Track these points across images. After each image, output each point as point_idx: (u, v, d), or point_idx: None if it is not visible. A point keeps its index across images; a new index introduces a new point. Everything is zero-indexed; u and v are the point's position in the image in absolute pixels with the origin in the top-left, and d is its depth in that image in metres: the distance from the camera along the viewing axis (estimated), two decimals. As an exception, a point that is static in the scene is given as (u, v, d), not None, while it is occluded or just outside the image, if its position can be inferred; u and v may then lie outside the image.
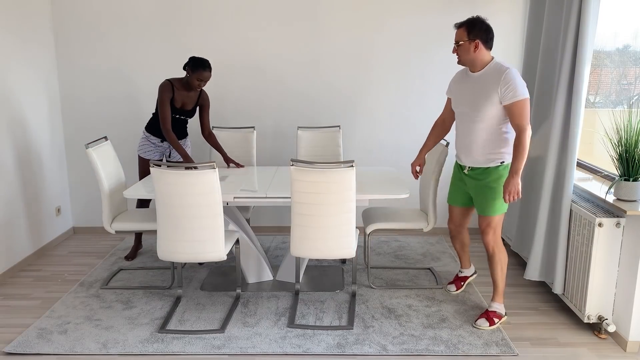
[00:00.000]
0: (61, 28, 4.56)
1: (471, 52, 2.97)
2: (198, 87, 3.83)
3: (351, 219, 3.11)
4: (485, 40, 2.96)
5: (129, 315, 3.31)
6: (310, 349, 2.92)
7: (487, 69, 2.98)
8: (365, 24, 4.52)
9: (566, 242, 3.24)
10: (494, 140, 2.99)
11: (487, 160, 3.03)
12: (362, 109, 4.66)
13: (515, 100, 2.84)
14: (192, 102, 3.96)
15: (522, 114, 2.85)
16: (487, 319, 3.14)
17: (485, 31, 2.96)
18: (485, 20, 2.99)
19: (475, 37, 2.95)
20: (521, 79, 2.88)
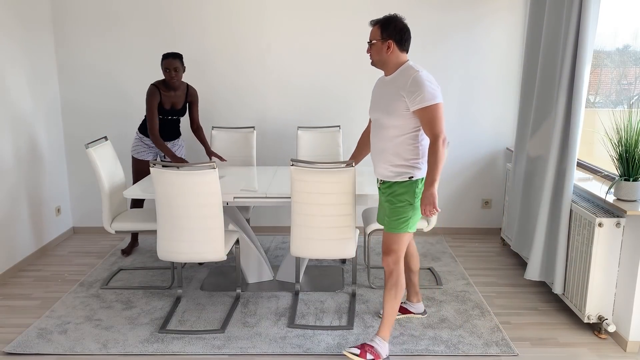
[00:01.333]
0: (61, 28, 4.56)
1: (383, 52, 2.73)
2: (170, 78, 3.83)
3: (351, 219, 3.11)
4: (399, 41, 2.72)
5: (129, 315, 3.31)
6: (310, 349, 2.92)
7: (397, 72, 2.74)
8: (365, 24, 4.51)
9: (566, 242, 3.24)
10: (403, 151, 2.70)
11: (395, 174, 2.74)
12: (362, 109, 4.66)
13: (424, 105, 2.58)
14: (181, 101, 4.01)
15: (433, 120, 2.58)
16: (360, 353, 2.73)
17: (400, 31, 2.72)
18: (402, 20, 2.76)
19: (389, 37, 2.71)
20: (433, 83, 2.63)
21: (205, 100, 4.64)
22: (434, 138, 2.58)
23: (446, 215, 4.84)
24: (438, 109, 2.59)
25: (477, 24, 4.49)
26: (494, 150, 4.70)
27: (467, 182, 4.77)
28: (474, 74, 4.57)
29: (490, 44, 4.52)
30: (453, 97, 4.61)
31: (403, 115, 2.65)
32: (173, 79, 3.85)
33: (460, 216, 4.84)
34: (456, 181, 4.77)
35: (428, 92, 2.58)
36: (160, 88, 3.90)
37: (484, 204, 4.81)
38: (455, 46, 4.53)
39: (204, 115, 4.67)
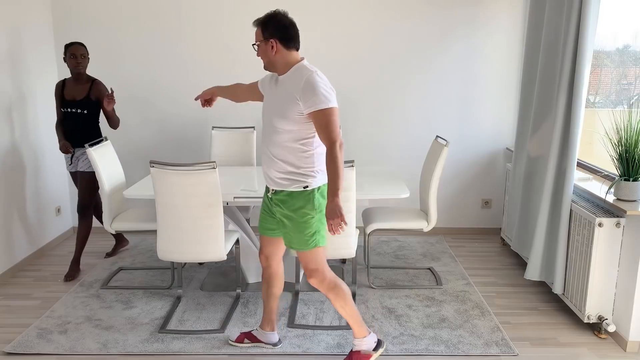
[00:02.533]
0: (61, 28, 4.56)
1: (269, 53, 2.52)
2: (76, 64, 3.72)
3: (351, 219, 3.11)
4: (283, 39, 2.50)
5: (129, 315, 3.31)
6: (310, 349, 2.92)
7: (290, 72, 2.52)
8: (365, 24, 4.52)
9: (566, 242, 3.24)
10: (297, 158, 2.50)
11: (289, 183, 2.52)
12: (362, 109, 4.66)
13: (318, 109, 2.39)
14: (83, 93, 3.79)
15: (327, 125, 2.40)
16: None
17: (282, 29, 2.51)
18: (284, 16, 2.54)
19: (271, 36, 2.50)
20: (327, 85, 2.45)
21: (205, 100, 4.64)
22: (331, 144, 2.39)
23: (446, 215, 4.84)
24: (333, 113, 2.41)
25: (478, 24, 4.49)
26: (494, 150, 4.71)
27: (467, 182, 4.77)
28: (474, 74, 4.57)
29: (491, 44, 4.52)
30: (453, 97, 4.61)
31: (297, 119, 2.45)
32: (79, 65, 3.73)
33: (460, 216, 4.84)
34: (456, 181, 4.77)
35: (322, 95, 2.40)
36: (67, 80, 3.84)
37: (484, 204, 4.82)
38: (455, 46, 4.53)
39: (204, 114, 4.67)
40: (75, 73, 3.79)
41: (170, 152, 4.74)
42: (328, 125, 2.40)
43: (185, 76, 4.60)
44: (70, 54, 3.72)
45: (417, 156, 4.70)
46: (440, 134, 4.67)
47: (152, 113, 4.68)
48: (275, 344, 2.93)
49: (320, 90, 2.40)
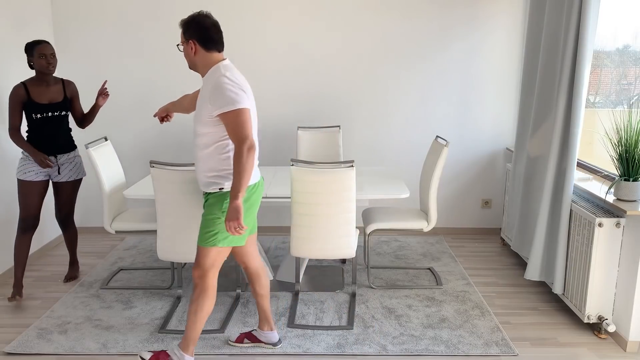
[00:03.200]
0: (61, 28, 4.56)
1: (190, 54, 2.53)
2: (48, 65, 3.39)
3: (351, 219, 3.11)
4: (202, 40, 2.50)
5: (129, 315, 3.31)
6: (310, 349, 2.92)
7: (208, 74, 2.52)
8: (365, 24, 4.52)
9: (566, 242, 3.24)
10: (214, 161, 2.51)
11: (208, 184, 2.55)
12: (362, 109, 4.66)
13: (225, 110, 2.38)
14: (60, 95, 3.54)
15: (235, 127, 2.39)
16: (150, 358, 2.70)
17: (202, 30, 2.49)
18: (206, 17, 2.53)
19: (191, 37, 2.51)
20: (237, 86, 2.42)
21: (205, 100, 4.64)
22: (238, 144, 2.38)
23: (446, 215, 4.85)
24: (240, 114, 2.38)
25: (478, 24, 4.49)
26: (494, 150, 4.71)
27: (467, 182, 4.77)
28: (474, 74, 4.57)
29: (491, 44, 4.52)
30: (453, 98, 4.61)
31: (209, 122, 2.45)
32: (50, 66, 3.39)
33: (460, 216, 4.84)
34: (456, 181, 4.77)
35: (228, 96, 2.38)
36: (29, 85, 3.41)
37: (484, 204, 4.82)
38: (455, 46, 4.53)
39: (204, 115, 4.67)
40: (45, 74, 3.44)
41: (170, 152, 4.74)
42: (236, 126, 2.39)
43: (185, 76, 4.60)
44: (39, 54, 3.36)
45: (417, 156, 4.70)
46: (440, 134, 4.67)
47: (152, 113, 4.68)
48: (275, 344, 2.93)
49: (227, 92, 2.39)
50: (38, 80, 3.45)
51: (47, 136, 3.51)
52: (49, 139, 3.52)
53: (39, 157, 3.41)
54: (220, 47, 2.57)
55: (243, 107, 2.40)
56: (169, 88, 4.63)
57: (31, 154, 3.42)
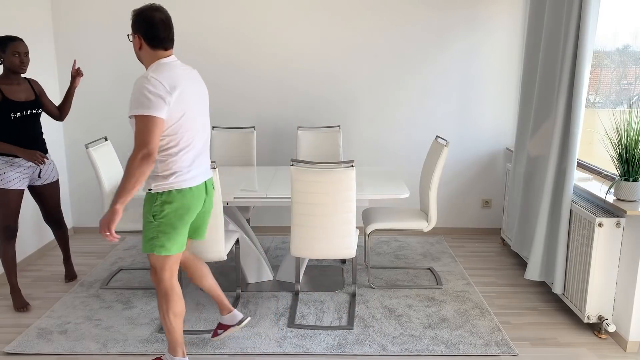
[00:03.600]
0: (61, 27, 4.56)
1: (136, 48, 2.41)
2: (21, 64, 3.22)
3: (351, 219, 3.11)
4: (147, 36, 2.37)
5: (129, 315, 3.31)
6: (310, 349, 2.92)
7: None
8: (365, 24, 4.52)
9: (566, 242, 3.24)
10: None
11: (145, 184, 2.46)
12: (362, 108, 4.66)
13: (134, 112, 2.27)
14: (31, 93, 3.37)
15: (138, 132, 2.27)
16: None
17: (148, 26, 2.36)
18: (155, 11, 2.38)
19: (137, 31, 2.38)
20: (155, 92, 2.26)
21: (205, 100, 4.64)
22: (135, 148, 2.26)
23: (446, 215, 4.85)
24: (147, 121, 2.24)
25: (478, 24, 4.49)
26: (494, 150, 4.71)
27: (467, 182, 4.77)
28: (474, 74, 4.57)
29: (491, 44, 4.52)
30: (453, 97, 4.61)
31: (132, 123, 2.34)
32: (23, 65, 3.23)
33: (460, 216, 4.84)
34: (456, 181, 4.77)
35: (137, 100, 2.26)
36: (1, 82, 3.23)
37: (484, 204, 4.82)
38: (455, 46, 4.53)
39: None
40: (14, 73, 3.26)
41: (170, 152, 4.74)
42: (139, 131, 2.26)
43: (185, 76, 4.61)
44: (13, 51, 3.18)
45: (417, 156, 4.71)
46: (440, 134, 4.67)
47: (152, 113, 4.68)
48: (239, 322, 2.92)
49: (139, 95, 2.26)
50: (7, 78, 3.26)
51: (29, 136, 3.34)
52: (32, 140, 3.36)
53: (32, 154, 3.23)
54: (168, 44, 2.42)
55: (151, 114, 2.25)
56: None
57: (20, 152, 3.22)
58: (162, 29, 2.38)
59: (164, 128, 2.32)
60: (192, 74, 2.50)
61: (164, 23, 2.38)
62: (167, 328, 2.59)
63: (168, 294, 2.54)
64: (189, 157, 2.42)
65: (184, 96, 2.37)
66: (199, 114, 2.47)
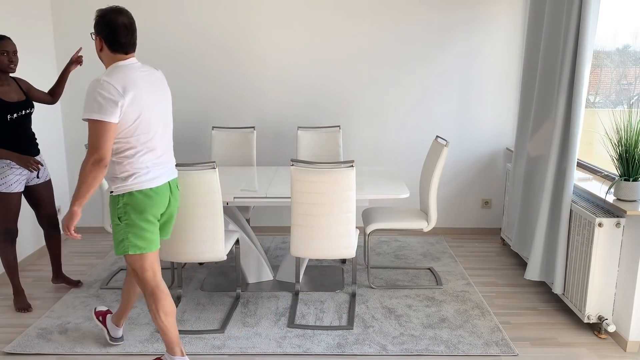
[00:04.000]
0: (61, 27, 4.56)
1: (97, 49, 2.41)
2: (10, 63, 3.15)
3: (351, 219, 3.11)
4: (108, 40, 2.36)
5: (129, 315, 3.30)
6: (310, 349, 2.92)
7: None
8: (365, 24, 4.52)
9: (566, 242, 3.24)
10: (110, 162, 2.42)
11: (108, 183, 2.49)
12: (362, 109, 4.66)
13: (85, 116, 2.27)
14: (19, 91, 3.29)
15: (90, 136, 2.27)
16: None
17: (110, 30, 2.34)
18: (117, 14, 2.36)
19: (99, 33, 2.37)
20: (104, 97, 2.25)
21: (205, 100, 4.64)
22: (88, 153, 2.28)
23: (446, 215, 4.85)
24: (97, 125, 2.25)
25: (478, 24, 4.49)
26: (494, 150, 4.71)
27: (467, 182, 4.77)
28: (474, 74, 4.57)
29: (491, 44, 4.52)
30: (453, 97, 4.61)
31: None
32: (12, 64, 3.16)
33: (460, 216, 4.84)
34: (456, 181, 4.77)
35: (89, 104, 2.26)
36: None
37: (484, 204, 4.82)
38: (455, 46, 4.53)
39: (204, 115, 4.67)
40: (3, 73, 3.19)
41: (170, 152, 4.74)
42: (90, 136, 2.27)
43: (185, 76, 4.61)
44: (0, 51, 3.12)
45: (417, 156, 4.71)
46: (440, 134, 4.67)
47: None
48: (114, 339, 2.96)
49: (91, 99, 2.26)
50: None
51: (25, 137, 3.29)
52: (28, 140, 3.32)
53: (28, 161, 3.22)
54: (129, 49, 2.41)
55: (102, 119, 2.25)
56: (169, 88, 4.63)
57: (15, 159, 3.18)
58: (124, 33, 2.36)
59: (116, 132, 2.32)
60: (153, 76, 2.48)
61: (127, 28, 2.37)
62: (161, 328, 2.58)
63: (155, 293, 2.54)
64: (147, 158, 2.42)
65: (139, 98, 2.35)
66: (158, 115, 2.46)
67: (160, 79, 2.54)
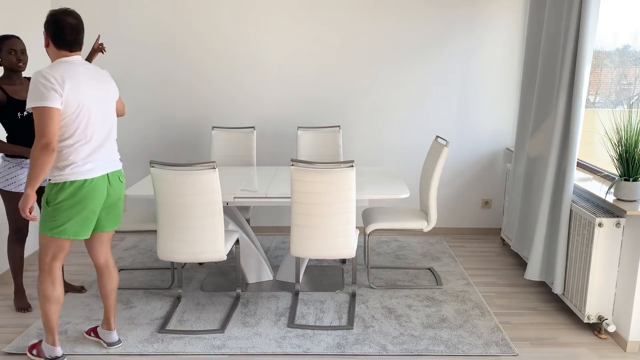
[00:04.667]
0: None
1: (45, 45, 2.59)
2: (19, 62, 3.15)
3: (351, 219, 3.11)
4: (54, 38, 2.52)
5: (129, 315, 3.31)
6: (310, 349, 2.92)
7: None
8: (365, 24, 4.52)
9: (566, 242, 3.24)
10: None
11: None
12: (362, 109, 4.66)
13: (31, 105, 2.43)
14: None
15: (37, 123, 2.42)
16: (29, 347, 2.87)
17: (57, 29, 2.50)
18: (66, 15, 2.52)
19: (47, 30, 2.54)
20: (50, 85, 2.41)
21: (205, 100, 4.64)
22: (36, 140, 2.42)
23: (446, 215, 4.85)
24: (43, 112, 2.40)
25: (477, 23, 4.49)
26: (494, 150, 4.71)
27: (467, 182, 4.77)
28: (474, 74, 4.57)
29: (491, 44, 4.53)
30: (453, 97, 4.61)
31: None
32: (20, 63, 3.16)
33: (460, 216, 4.84)
34: (456, 181, 4.77)
35: (32, 94, 2.42)
36: (2, 83, 3.16)
37: (484, 204, 4.82)
38: (455, 46, 4.53)
39: (204, 115, 4.67)
40: (14, 72, 3.19)
41: (170, 152, 4.75)
42: (36, 124, 2.43)
43: (185, 76, 4.61)
44: (9, 50, 3.12)
45: (417, 156, 4.71)
46: (440, 134, 4.67)
47: (152, 113, 4.69)
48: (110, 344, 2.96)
49: (34, 89, 2.42)
50: (9, 78, 3.19)
51: (29, 137, 3.24)
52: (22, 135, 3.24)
53: None
54: (74, 47, 2.57)
55: (46, 105, 2.41)
56: (169, 87, 4.63)
57: (28, 154, 3.18)
58: (69, 33, 2.53)
59: (60, 118, 2.47)
60: (96, 73, 2.63)
61: (73, 28, 2.53)
62: (41, 310, 2.70)
63: (44, 276, 2.67)
64: (85, 150, 2.56)
65: (79, 90, 2.50)
66: (98, 109, 2.60)
67: (103, 76, 2.68)
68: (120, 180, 2.77)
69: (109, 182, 2.68)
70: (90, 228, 2.69)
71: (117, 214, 2.81)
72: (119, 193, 2.76)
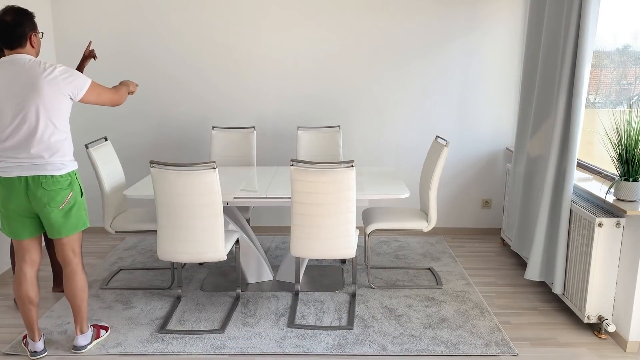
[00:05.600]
0: (61, 27, 4.56)
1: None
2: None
3: (351, 219, 3.11)
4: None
5: (129, 316, 3.31)
6: (310, 349, 2.92)
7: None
8: (364, 24, 4.52)
9: (566, 242, 3.24)
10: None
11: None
12: (362, 109, 4.66)
13: None
14: None
15: None
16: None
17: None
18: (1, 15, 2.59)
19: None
20: None
21: (205, 100, 4.64)
22: None
23: (446, 215, 4.85)
24: None
25: (478, 24, 4.49)
26: (494, 150, 4.71)
27: (467, 182, 4.78)
28: (474, 74, 4.57)
29: (491, 44, 4.53)
30: (453, 97, 4.61)
31: None
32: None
33: (460, 216, 4.84)
34: (456, 181, 4.77)
35: None
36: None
37: (484, 204, 4.82)
38: (455, 46, 4.53)
39: (204, 115, 4.67)
40: None
41: (170, 152, 4.75)
42: None
43: (185, 76, 4.61)
44: None
45: (417, 156, 4.71)
46: (440, 134, 4.67)
47: (152, 113, 4.69)
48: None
49: None
50: None
51: None
52: None
53: None
54: (13, 45, 2.60)
55: None
56: (169, 87, 4.63)
57: None
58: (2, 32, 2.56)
59: None
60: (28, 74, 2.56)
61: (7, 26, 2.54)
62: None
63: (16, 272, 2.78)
64: (2, 147, 2.59)
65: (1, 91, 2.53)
66: (14, 109, 2.56)
67: (34, 77, 2.56)
68: (44, 188, 2.61)
69: (27, 186, 2.61)
70: (23, 231, 2.70)
71: (57, 222, 2.69)
72: (44, 200, 2.63)
